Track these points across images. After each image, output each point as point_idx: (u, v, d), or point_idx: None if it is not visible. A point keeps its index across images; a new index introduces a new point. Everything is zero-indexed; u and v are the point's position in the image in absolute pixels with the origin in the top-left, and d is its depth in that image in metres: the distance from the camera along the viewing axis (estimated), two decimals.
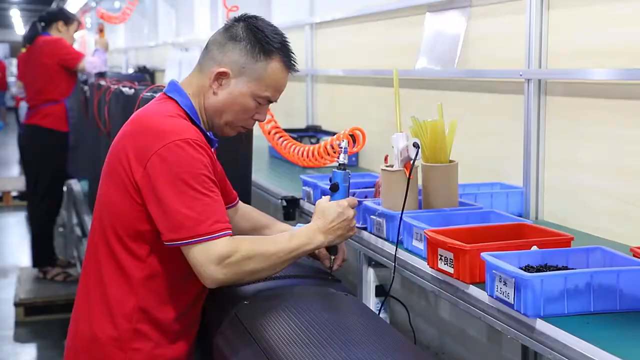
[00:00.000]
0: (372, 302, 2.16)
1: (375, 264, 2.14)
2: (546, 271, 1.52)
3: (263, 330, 1.64)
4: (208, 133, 1.84)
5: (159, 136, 1.66)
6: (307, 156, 2.79)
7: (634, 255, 1.55)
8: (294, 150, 2.94)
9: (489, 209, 2.08)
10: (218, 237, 1.62)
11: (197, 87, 1.80)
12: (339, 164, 1.90)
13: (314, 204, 2.54)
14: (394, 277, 1.98)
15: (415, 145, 1.98)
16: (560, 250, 1.62)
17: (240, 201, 2.11)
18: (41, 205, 5.20)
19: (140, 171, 1.65)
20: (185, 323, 1.79)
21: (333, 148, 2.09)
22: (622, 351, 1.25)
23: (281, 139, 2.95)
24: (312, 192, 2.60)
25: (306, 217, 2.66)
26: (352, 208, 1.85)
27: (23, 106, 5.32)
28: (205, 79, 1.80)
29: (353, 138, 2.53)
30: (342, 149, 1.90)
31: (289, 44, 1.85)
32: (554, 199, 2.27)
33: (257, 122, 1.86)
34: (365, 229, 2.17)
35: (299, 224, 2.01)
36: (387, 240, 2.04)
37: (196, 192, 1.62)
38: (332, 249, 1.95)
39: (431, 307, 3.17)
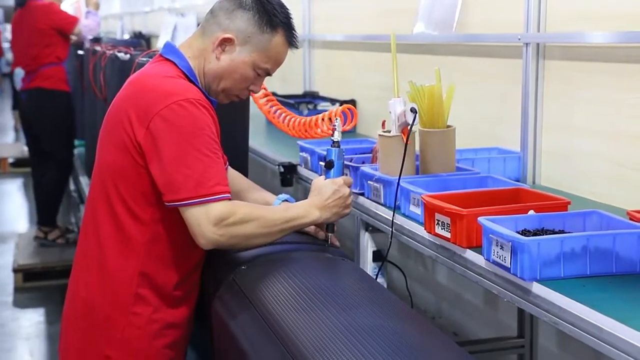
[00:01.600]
0: (369, 267, 2.17)
1: (373, 229, 2.15)
2: (543, 235, 1.52)
3: (261, 294, 1.65)
4: (212, 98, 1.83)
5: (161, 96, 1.65)
6: (297, 126, 2.77)
7: (630, 219, 1.56)
8: (284, 119, 2.92)
9: (486, 174, 2.08)
10: (218, 199, 1.62)
11: (197, 50, 1.79)
12: (333, 142, 1.90)
13: (312, 170, 2.57)
14: (391, 242, 1.99)
15: (413, 110, 1.98)
16: (557, 214, 1.63)
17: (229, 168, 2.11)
18: (56, 167, 5.19)
19: (142, 132, 1.64)
20: (185, 289, 1.80)
21: (324, 121, 2.08)
22: (618, 313, 1.26)
23: (274, 108, 2.92)
24: (309, 158, 2.59)
25: (303, 183, 2.67)
26: (348, 186, 1.86)
27: (17, 72, 5.27)
28: (207, 43, 1.78)
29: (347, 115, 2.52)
30: (336, 127, 1.90)
31: (293, 20, 1.86)
32: (551, 163, 2.27)
33: (250, 92, 1.86)
34: (362, 194, 2.17)
35: (281, 195, 2.01)
36: (384, 205, 2.04)
37: (199, 152, 1.62)
38: (328, 226, 1.95)
39: (428, 272, 3.20)
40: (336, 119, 1.92)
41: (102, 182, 1.75)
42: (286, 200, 1.99)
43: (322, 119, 2.50)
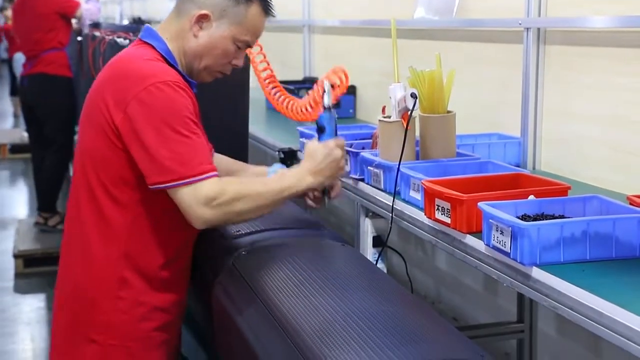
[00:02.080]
0: (369, 252, 2.18)
1: (373, 215, 2.15)
2: (543, 220, 1.52)
3: (261, 280, 1.65)
4: (191, 79, 1.81)
5: (138, 79, 1.65)
6: (301, 111, 2.76)
7: (630, 204, 1.56)
8: (288, 105, 2.90)
9: (487, 159, 2.08)
10: (205, 178, 1.62)
11: (175, 31, 1.78)
12: (324, 106, 1.87)
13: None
14: (391, 227, 1.99)
15: (413, 95, 1.97)
16: (557, 199, 1.63)
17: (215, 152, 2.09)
18: (57, 152, 5.19)
19: (120, 116, 1.64)
20: (172, 272, 1.79)
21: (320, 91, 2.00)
22: (617, 298, 1.27)
23: (278, 94, 2.91)
24: None
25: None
26: (340, 148, 1.83)
27: (17, 57, 5.27)
28: (184, 22, 1.77)
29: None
30: (326, 92, 1.88)
31: None
32: (551, 148, 2.27)
33: (235, 67, 1.84)
34: (362, 180, 2.17)
35: (275, 165, 1.99)
36: (384, 191, 2.04)
37: (179, 134, 1.61)
38: (324, 189, 1.92)
39: (428, 258, 3.20)
40: (327, 83, 1.90)
41: (82, 167, 1.75)
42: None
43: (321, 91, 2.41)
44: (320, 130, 1.86)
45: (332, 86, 2.01)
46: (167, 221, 1.73)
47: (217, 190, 1.62)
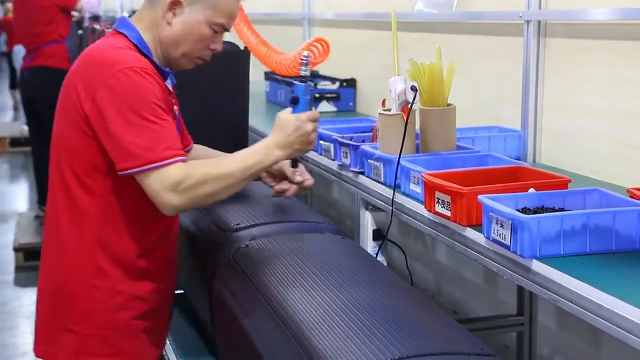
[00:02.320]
0: (369, 245, 2.18)
1: (373, 208, 2.15)
2: (543, 213, 1.52)
3: (261, 273, 1.65)
4: (165, 68, 1.79)
5: (106, 66, 1.65)
6: (284, 65, 2.69)
7: (630, 196, 1.56)
8: (275, 59, 2.83)
9: (487, 152, 2.07)
10: (170, 163, 1.61)
11: (149, 20, 1.77)
12: (301, 77, 1.83)
13: (312, 149, 2.56)
14: (391, 220, 2.00)
15: (413, 88, 1.97)
16: (557, 192, 1.63)
17: (194, 145, 2.08)
18: None
19: (88, 103, 1.64)
20: (151, 261, 1.77)
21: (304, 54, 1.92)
22: (617, 290, 1.27)
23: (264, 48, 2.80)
24: None
25: (303, 162, 2.66)
26: (313, 121, 1.80)
27: (16, 50, 5.26)
28: (157, 10, 1.76)
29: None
30: (304, 61, 1.83)
31: None
32: (551, 141, 2.26)
33: (214, 52, 1.81)
34: (362, 173, 2.17)
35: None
36: (384, 184, 2.04)
37: (145, 120, 1.61)
38: (293, 161, 1.91)
39: (428, 251, 3.21)
40: (305, 53, 1.85)
41: (56, 156, 1.75)
42: None
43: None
44: (294, 101, 1.80)
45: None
46: (141, 210, 1.71)
47: (183, 175, 1.61)
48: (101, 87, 1.63)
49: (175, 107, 1.86)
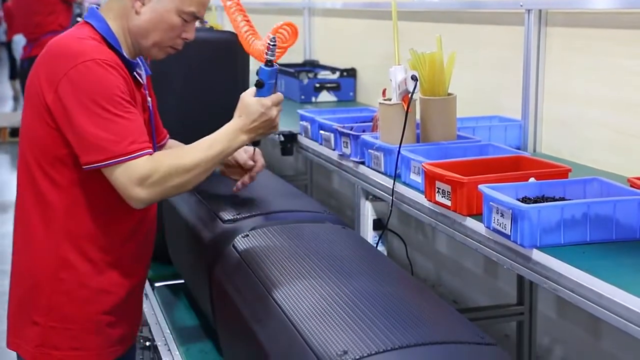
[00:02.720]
0: (369, 235, 2.18)
1: (373, 198, 2.15)
2: (543, 202, 1.52)
3: (261, 262, 1.65)
4: (137, 59, 1.78)
5: (68, 58, 1.62)
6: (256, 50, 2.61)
7: (631, 186, 1.56)
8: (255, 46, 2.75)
9: (487, 142, 2.07)
10: (136, 157, 1.59)
11: (117, 10, 1.74)
12: (267, 60, 1.79)
13: (312, 139, 2.56)
14: (391, 210, 2.00)
15: (414, 78, 1.97)
16: (557, 181, 1.63)
17: (170, 139, 2.05)
18: None
19: (51, 95, 1.62)
20: (121, 255, 1.75)
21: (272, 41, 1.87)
22: (617, 279, 1.27)
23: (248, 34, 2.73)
24: (309, 127, 2.59)
25: (304, 152, 2.67)
26: (277, 105, 1.77)
27: (16, 40, 5.25)
28: (125, 0, 1.73)
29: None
30: (271, 45, 1.80)
31: None
32: (552, 131, 2.26)
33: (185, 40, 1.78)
34: (363, 163, 2.17)
35: None
36: (384, 174, 2.04)
37: (109, 113, 1.59)
38: (254, 142, 1.88)
39: (428, 240, 3.21)
40: (272, 37, 1.82)
41: (22, 147, 1.73)
42: None
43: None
44: (259, 85, 1.77)
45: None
46: (110, 203, 1.69)
47: (150, 168, 1.59)
48: (63, 79, 1.60)
49: (150, 100, 1.82)
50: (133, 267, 1.80)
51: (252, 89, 1.77)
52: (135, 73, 1.73)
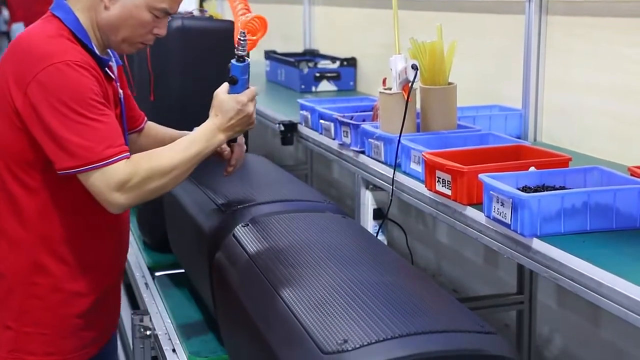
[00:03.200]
0: (369, 224, 2.18)
1: (373, 187, 2.15)
2: (544, 191, 1.52)
3: (261, 251, 1.66)
4: (109, 53, 1.74)
5: (37, 60, 1.55)
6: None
7: (631, 175, 1.56)
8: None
9: (488, 131, 2.07)
10: (113, 162, 1.55)
11: (86, 2, 1.67)
12: (238, 56, 1.75)
13: (312, 128, 2.56)
14: (391, 199, 2.00)
15: (414, 67, 1.96)
16: (557, 170, 1.63)
17: (148, 121, 2.01)
18: None
19: (20, 98, 1.56)
20: (95, 256, 1.73)
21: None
22: (617, 268, 1.27)
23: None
24: (309, 116, 2.58)
25: (304, 141, 2.66)
26: (252, 100, 1.75)
27: (14, 29, 5.23)
28: None
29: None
30: (241, 40, 1.76)
31: None
32: (552, 120, 2.26)
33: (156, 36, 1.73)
34: (363, 152, 2.17)
35: None
36: (385, 163, 2.04)
37: (83, 117, 1.54)
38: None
39: (428, 230, 3.21)
40: (242, 31, 1.77)
41: None
42: None
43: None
44: (232, 81, 1.74)
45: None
46: (84, 206, 1.65)
47: (128, 173, 1.56)
48: (33, 82, 1.54)
49: (121, 92, 1.77)
50: (109, 268, 1.77)
51: (225, 86, 1.73)
52: (106, 68, 1.67)
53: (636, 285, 1.21)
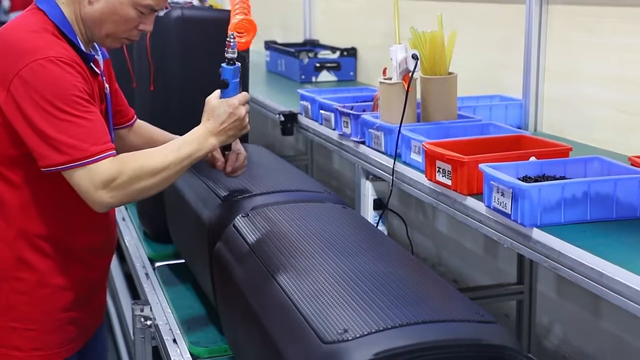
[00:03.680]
0: (370, 215, 2.18)
1: (374, 178, 2.15)
2: (544, 181, 1.52)
3: (261, 242, 1.66)
4: (94, 49, 1.72)
5: (20, 55, 1.53)
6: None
7: (632, 164, 1.56)
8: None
9: (488, 121, 2.07)
10: (99, 159, 1.52)
11: None
12: (228, 59, 1.73)
13: (312, 119, 2.55)
14: (392, 190, 1.99)
15: (414, 57, 1.95)
16: (558, 160, 1.62)
17: (138, 119, 1.98)
18: None
19: (3, 94, 1.54)
20: (80, 251, 1.71)
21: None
22: (618, 258, 1.27)
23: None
24: (309, 106, 2.58)
25: (304, 132, 2.66)
26: (244, 105, 1.73)
27: (12, 17, 5.22)
28: None
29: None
30: (231, 43, 1.74)
31: None
32: (553, 110, 2.25)
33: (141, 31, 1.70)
34: (363, 142, 2.17)
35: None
36: (385, 153, 2.04)
37: (67, 114, 1.52)
38: (225, 147, 1.85)
39: (428, 220, 3.21)
40: (231, 34, 1.76)
41: None
42: None
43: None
44: (223, 85, 1.72)
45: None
46: (67, 203, 1.63)
47: (115, 171, 1.53)
48: (15, 79, 1.52)
49: (107, 86, 1.75)
50: (95, 261, 1.76)
51: (216, 92, 1.71)
52: (91, 64, 1.65)
53: (636, 275, 1.21)
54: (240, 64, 1.75)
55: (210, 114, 1.69)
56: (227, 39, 1.73)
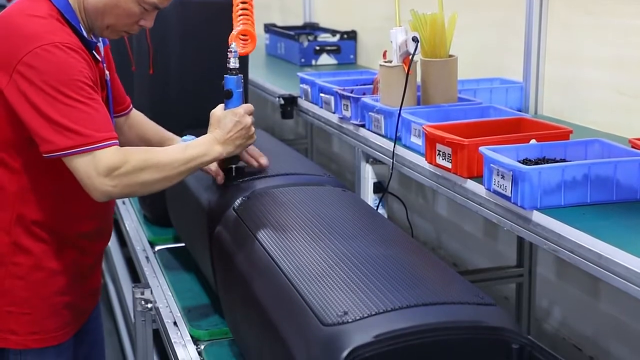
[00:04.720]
0: (370, 198, 2.18)
1: (373, 161, 2.14)
2: (544, 164, 1.52)
3: (262, 225, 1.66)
4: (96, 36, 1.71)
5: (25, 41, 1.52)
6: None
7: (632, 147, 1.56)
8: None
9: (488, 104, 2.06)
10: (103, 146, 1.52)
11: None
12: (231, 69, 1.76)
13: (312, 102, 2.55)
14: (392, 173, 1.99)
15: (415, 39, 1.95)
16: (558, 143, 1.62)
17: (134, 109, 1.98)
18: None
19: (5, 80, 1.53)
20: (75, 236, 1.71)
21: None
22: (617, 240, 1.27)
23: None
24: (309, 90, 2.57)
25: (304, 115, 2.65)
26: (249, 115, 1.75)
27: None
28: None
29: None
30: (233, 53, 1.76)
31: None
32: (554, 93, 2.25)
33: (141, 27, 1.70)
34: (363, 125, 2.16)
35: (187, 135, 1.89)
36: (385, 136, 2.04)
37: (72, 99, 1.51)
38: (233, 159, 1.86)
39: (428, 204, 3.21)
40: (232, 44, 1.77)
41: None
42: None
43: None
44: (227, 95, 1.74)
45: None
46: (67, 188, 1.63)
47: (119, 159, 1.53)
48: (20, 65, 1.51)
49: (108, 73, 1.75)
50: (91, 246, 1.77)
51: (220, 105, 1.73)
52: (93, 51, 1.65)
53: (636, 257, 1.21)
54: (242, 75, 1.77)
55: (216, 125, 1.71)
56: (229, 49, 1.75)
